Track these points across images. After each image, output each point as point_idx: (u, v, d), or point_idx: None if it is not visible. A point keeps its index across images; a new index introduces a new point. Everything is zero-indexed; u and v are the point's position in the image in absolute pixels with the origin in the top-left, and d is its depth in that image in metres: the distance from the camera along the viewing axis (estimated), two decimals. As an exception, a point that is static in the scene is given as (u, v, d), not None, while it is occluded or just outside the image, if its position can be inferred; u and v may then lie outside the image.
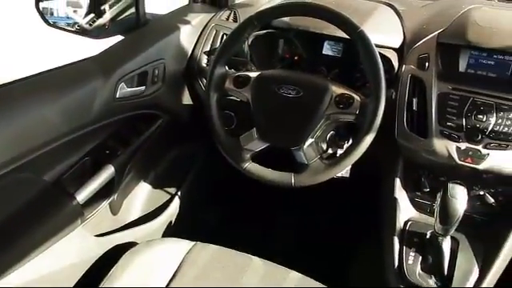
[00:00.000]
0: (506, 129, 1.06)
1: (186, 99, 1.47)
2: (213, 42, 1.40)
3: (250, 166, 1.12)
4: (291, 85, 1.10)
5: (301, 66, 1.40)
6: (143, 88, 1.29)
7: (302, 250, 1.76)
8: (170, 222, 1.55)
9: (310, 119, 1.07)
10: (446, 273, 1.08)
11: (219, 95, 1.16)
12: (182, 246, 1.13)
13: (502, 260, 1.08)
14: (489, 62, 1.16)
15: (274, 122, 1.11)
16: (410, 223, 1.16)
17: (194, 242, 1.14)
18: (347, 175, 1.23)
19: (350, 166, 1.12)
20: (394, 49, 1.26)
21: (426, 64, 1.16)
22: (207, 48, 1.40)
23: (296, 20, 1.30)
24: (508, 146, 1.05)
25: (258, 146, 1.11)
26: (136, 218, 1.48)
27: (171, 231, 1.54)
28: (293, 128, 1.09)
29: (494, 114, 1.08)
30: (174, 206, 1.56)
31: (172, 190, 1.60)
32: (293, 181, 1.08)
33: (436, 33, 1.21)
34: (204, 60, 1.39)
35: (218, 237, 1.24)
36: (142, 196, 1.51)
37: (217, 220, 1.87)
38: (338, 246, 1.75)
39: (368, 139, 1.03)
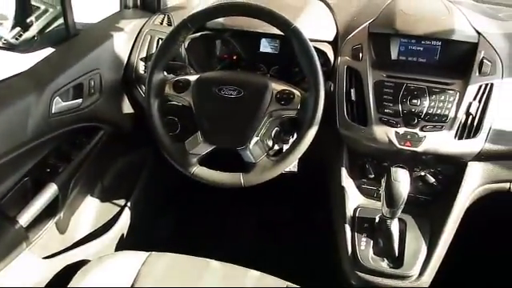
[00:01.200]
0: (439, 111, 1.12)
1: (127, 108, 1.44)
2: (148, 47, 1.37)
3: (198, 170, 1.11)
4: (231, 85, 1.10)
5: (240, 66, 1.40)
6: (80, 101, 1.24)
7: (260, 248, 1.77)
8: (122, 234, 1.51)
9: (253, 118, 1.08)
10: (397, 253, 1.11)
11: (160, 101, 1.14)
12: (136, 258, 1.10)
13: (448, 234, 1.13)
14: (418, 48, 1.22)
15: (218, 123, 1.11)
16: (359, 210, 1.19)
17: (148, 253, 1.11)
18: (295, 169, 1.25)
19: (297, 161, 1.14)
20: (328, 42, 1.29)
21: (360, 54, 1.20)
22: (143, 54, 1.37)
23: (230, 20, 1.30)
24: (442, 126, 1.11)
25: (204, 149, 1.11)
26: (85, 234, 1.43)
27: (124, 244, 1.50)
28: (237, 128, 1.09)
29: (427, 98, 1.14)
30: (125, 218, 1.52)
31: (121, 202, 1.56)
32: (242, 180, 1.09)
33: (367, 23, 1.25)
34: (141, 67, 1.36)
35: (174, 244, 1.22)
36: (89, 211, 1.46)
37: (171, 227, 1.84)
38: (295, 240, 1.78)
39: (311, 133, 1.05)
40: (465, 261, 1.46)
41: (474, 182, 1.16)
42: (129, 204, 1.54)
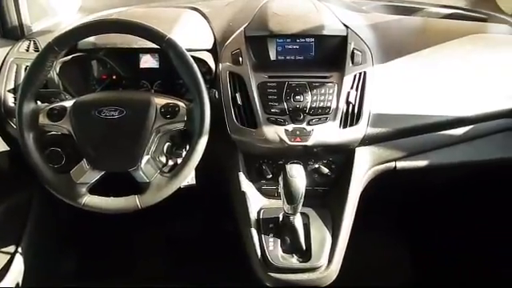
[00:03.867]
0: (322, 103, 1.17)
1: (1, 146, 1.31)
2: (16, 77, 1.26)
3: (89, 200, 1.04)
4: (112, 106, 1.05)
5: (122, 85, 1.35)
6: None
7: (172, 267, 1.72)
8: (17, 284, 1.37)
9: (139, 137, 1.04)
10: (304, 247, 1.13)
11: (35, 133, 1.05)
12: None
13: (348, 220, 1.18)
14: (294, 47, 1.27)
15: (103, 148, 1.05)
16: (262, 211, 1.20)
17: None
18: (193, 182, 1.22)
19: (193, 173, 1.12)
20: (207, 50, 1.29)
21: (240, 59, 1.21)
22: (11, 85, 1.25)
23: (102, 38, 1.24)
24: (327, 118, 1.16)
25: (93, 176, 1.05)
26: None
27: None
28: (124, 150, 1.05)
29: (309, 93, 1.18)
30: (18, 266, 1.38)
31: (11, 249, 1.41)
32: (138, 203, 1.04)
33: (242, 28, 1.27)
34: (10, 99, 1.25)
35: (81, 279, 1.13)
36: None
37: (75, 262, 1.72)
38: (206, 252, 1.75)
39: (202, 142, 1.04)
40: (368, 243, 1.54)
41: (364, 166, 1.22)
42: (20, 249, 1.40)
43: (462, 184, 1.55)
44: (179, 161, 1.16)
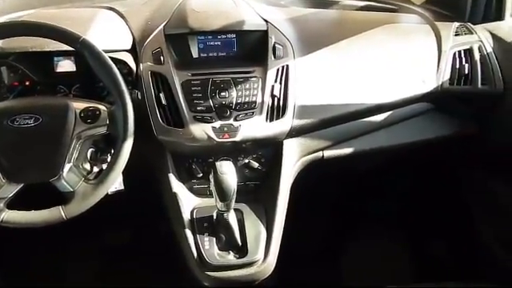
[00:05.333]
0: (247, 98, 1.17)
1: None
2: None
3: (8, 216, 0.98)
4: (26, 113, 0.99)
5: (37, 91, 1.26)
6: None
7: (110, 276, 1.68)
8: None
9: (59, 144, 0.99)
10: (240, 243, 1.14)
11: None
12: None
13: (281, 213, 1.19)
14: (216, 44, 1.26)
15: (20, 159, 0.99)
16: (195, 211, 1.18)
17: None
18: (122, 187, 1.18)
19: (120, 178, 1.08)
20: (126, 50, 1.25)
21: (162, 58, 1.18)
22: None
23: (10, 42, 1.15)
24: (253, 113, 1.16)
25: (10, 190, 0.98)
26: None
27: None
28: (43, 159, 0.99)
29: (234, 89, 1.18)
30: None
31: None
32: (63, 214, 0.99)
33: (162, 26, 1.24)
34: None
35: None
36: None
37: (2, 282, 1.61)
38: (142, 258, 1.71)
39: (127, 146, 1.01)
40: (303, 233, 1.57)
41: (292, 158, 1.25)
42: None
43: (386, 167, 1.63)
44: (104, 166, 1.11)
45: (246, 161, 1.23)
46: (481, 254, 1.59)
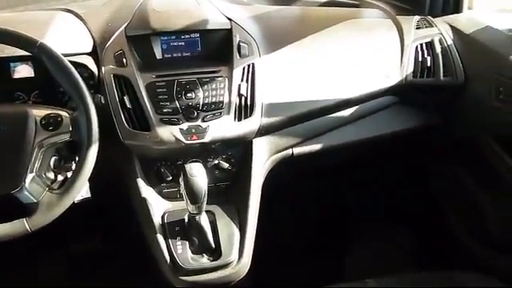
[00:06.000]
0: (214, 99, 1.16)
1: None
2: None
3: None
4: None
5: None
6: None
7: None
8: None
9: (20, 154, 0.95)
10: (213, 246, 1.12)
11: None
12: None
13: (253, 213, 1.19)
14: (180, 44, 1.24)
15: None
16: (166, 215, 1.16)
17: None
18: (88, 195, 1.15)
19: (86, 186, 1.05)
20: (87, 53, 1.21)
21: (124, 60, 1.15)
22: None
23: None
24: (221, 113, 1.15)
25: None
26: None
27: None
28: (4, 170, 0.95)
29: (200, 89, 1.16)
30: None
31: None
32: (27, 226, 0.95)
33: (123, 27, 1.21)
34: None
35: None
36: None
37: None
38: (112, 266, 1.68)
39: (92, 152, 0.98)
40: (276, 232, 1.57)
41: (262, 157, 1.24)
42: None
43: (355, 162, 1.64)
44: (69, 175, 1.08)
45: (216, 162, 1.21)
46: (450, 244, 1.63)
